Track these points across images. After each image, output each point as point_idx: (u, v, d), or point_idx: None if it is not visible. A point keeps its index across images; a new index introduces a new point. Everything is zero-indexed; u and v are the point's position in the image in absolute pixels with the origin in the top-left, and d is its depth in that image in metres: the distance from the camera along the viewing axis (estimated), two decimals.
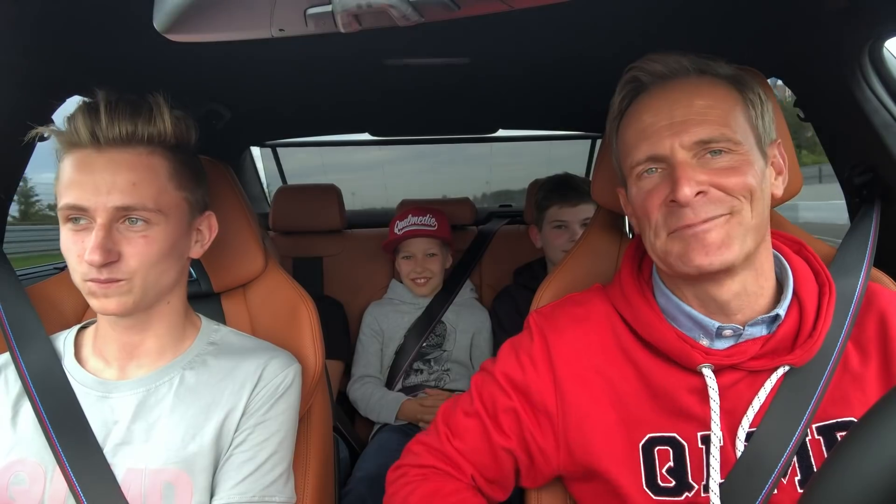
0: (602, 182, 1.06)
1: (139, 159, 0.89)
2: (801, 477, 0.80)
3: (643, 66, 0.84)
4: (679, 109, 0.78)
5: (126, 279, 0.88)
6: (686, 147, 0.77)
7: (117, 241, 0.87)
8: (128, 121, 0.88)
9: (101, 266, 0.85)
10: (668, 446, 0.82)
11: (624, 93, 0.86)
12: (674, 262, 0.79)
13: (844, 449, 0.45)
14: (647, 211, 0.80)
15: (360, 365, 2.01)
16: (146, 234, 0.89)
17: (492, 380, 0.90)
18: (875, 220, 1.03)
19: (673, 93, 0.80)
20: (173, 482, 0.90)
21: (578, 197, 1.89)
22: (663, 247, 0.79)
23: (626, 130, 0.84)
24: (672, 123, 0.78)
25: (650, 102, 0.82)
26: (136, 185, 0.87)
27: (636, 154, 0.81)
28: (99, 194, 0.85)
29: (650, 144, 0.79)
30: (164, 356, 0.97)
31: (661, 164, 0.79)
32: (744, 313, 0.82)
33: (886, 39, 1.15)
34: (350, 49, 1.32)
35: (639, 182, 0.82)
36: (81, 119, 0.87)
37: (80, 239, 0.87)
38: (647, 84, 0.84)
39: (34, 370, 0.94)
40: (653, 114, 0.80)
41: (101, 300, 0.88)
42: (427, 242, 2.06)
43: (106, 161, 0.87)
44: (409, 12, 0.62)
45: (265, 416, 0.96)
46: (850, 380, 0.82)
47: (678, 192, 0.75)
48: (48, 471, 0.89)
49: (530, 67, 1.56)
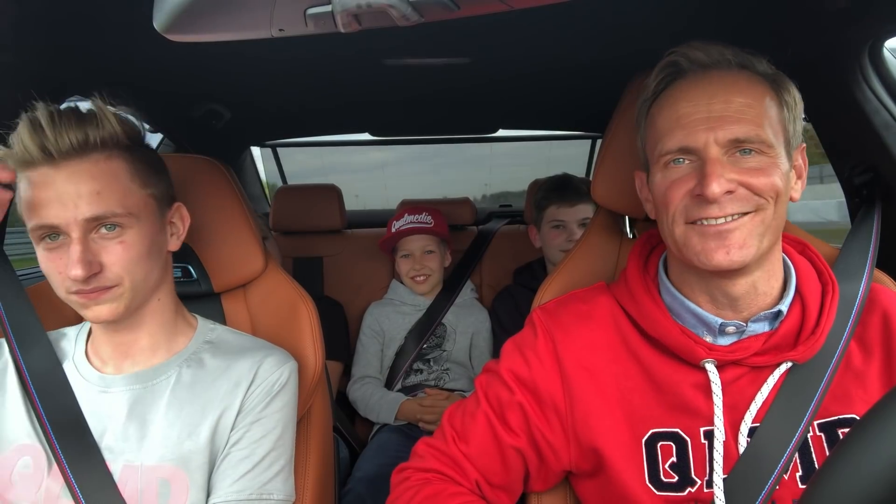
0: (602, 182, 1.06)
1: (97, 167, 0.87)
2: (802, 473, 0.80)
3: (685, 51, 0.82)
4: (717, 104, 0.77)
5: (114, 285, 0.88)
6: (720, 144, 0.77)
7: (96, 251, 0.86)
8: (76, 129, 0.85)
9: (85, 279, 0.85)
10: (671, 441, 0.83)
11: (661, 76, 0.84)
12: (691, 256, 0.79)
13: (846, 446, 0.45)
14: (668, 199, 0.80)
15: (360, 365, 2.01)
16: (122, 239, 0.88)
17: (497, 378, 0.90)
18: (877, 220, 1.03)
19: (712, 85, 0.79)
20: (169, 479, 0.90)
21: (577, 197, 1.89)
22: (682, 235, 0.79)
23: (659, 115, 0.83)
24: (709, 117, 0.77)
25: (688, 91, 0.80)
26: (101, 194, 0.86)
27: (668, 142, 0.79)
28: (66, 209, 0.84)
29: (685, 135, 0.78)
30: (158, 353, 0.98)
31: (690, 156, 0.79)
32: (750, 311, 0.83)
33: (886, 39, 1.15)
34: (350, 49, 1.32)
35: (665, 170, 0.81)
36: (27, 136, 0.84)
37: (58, 256, 0.86)
38: (685, 70, 0.82)
39: (34, 370, 0.95)
40: (691, 104, 0.79)
41: (93, 309, 0.88)
42: (424, 240, 2.06)
43: (65, 175, 0.85)
44: (408, 12, 0.62)
45: (261, 413, 0.96)
46: (852, 377, 0.83)
47: (707, 188, 0.74)
48: (48, 462, 0.90)
49: (530, 67, 1.56)
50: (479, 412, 0.89)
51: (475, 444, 0.88)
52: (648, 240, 0.95)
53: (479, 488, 0.88)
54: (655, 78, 0.84)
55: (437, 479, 0.88)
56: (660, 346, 0.85)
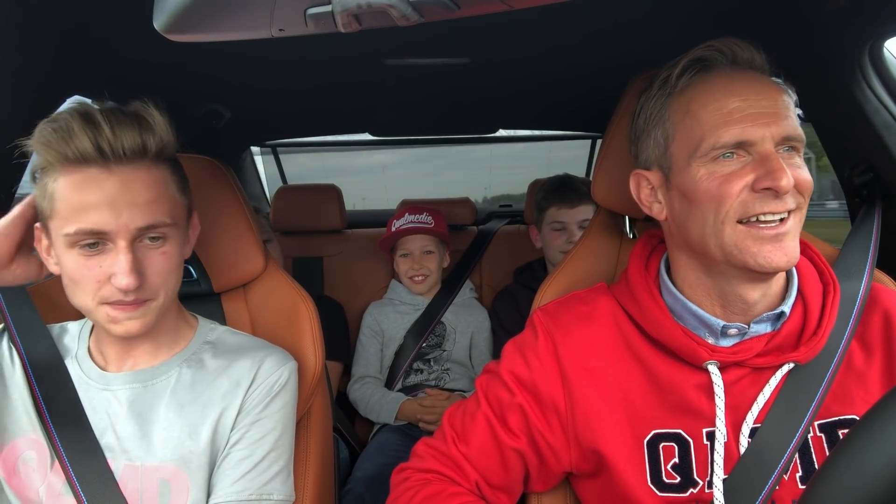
0: (602, 182, 1.06)
1: (150, 174, 0.85)
2: (802, 473, 0.80)
3: (722, 47, 0.80)
4: (766, 101, 0.77)
5: (150, 299, 0.87)
6: (775, 139, 0.76)
7: (140, 261, 0.84)
8: (134, 133, 0.82)
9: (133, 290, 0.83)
10: (673, 442, 0.83)
11: (693, 70, 0.81)
12: (746, 258, 0.76)
13: (846, 447, 0.45)
14: (724, 192, 0.76)
15: (360, 365, 2.01)
16: (164, 249, 0.87)
17: (497, 380, 0.90)
18: (877, 220, 1.03)
19: (753, 83, 0.78)
20: (169, 479, 0.90)
21: (578, 198, 1.89)
22: (733, 236, 0.76)
23: (699, 109, 0.79)
24: (762, 112, 0.76)
25: (734, 86, 0.78)
26: (154, 203, 0.84)
27: (720, 136, 0.76)
28: (119, 216, 0.81)
29: (742, 129, 0.75)
30: (160, 353, 0.98)
31: (741, 152, 0.77)
32: (755, 313, 0.82)
33: (886, 39, 1.15)
34: (350, 49, 1.32)
35: (712, 165, 0.77)
36: (81, 131, 0.79)
37: (97, 264, 0.83)
38: (714, 65, 0.81)
39: (37, 366, 0.95)
40: (741, 98, 0.77)
41: (125, 324, 0.86)
42: (424, 240, 2.06)
43: (119, 180, 0.82)
44: (408, 12, 0.62)
45: (261, 413, 0.96)
46: (853, 378, 0.83)
47: (779, 180, 0.73)
48: (50, 459, 0.90)
49: (530, 67, 1.56)
50: (480, 413, 0.89)
51: (475, 445, 0.88)
52: (649, 240, 0.95)
53: (479, 489, 0.88)
54: (679, 68, 0.82)
55: (436, 479, 0.88)
56: (661, 348, 0.85)
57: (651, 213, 0.87)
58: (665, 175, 0.83)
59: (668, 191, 0.84)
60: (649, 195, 0.87)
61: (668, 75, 0.83)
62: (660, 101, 0.83)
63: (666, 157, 0.83)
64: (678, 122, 0.81)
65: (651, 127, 0.85)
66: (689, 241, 0.82)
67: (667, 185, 0.84)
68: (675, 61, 0.83)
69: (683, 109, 0.81)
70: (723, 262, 0.78)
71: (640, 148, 0.87)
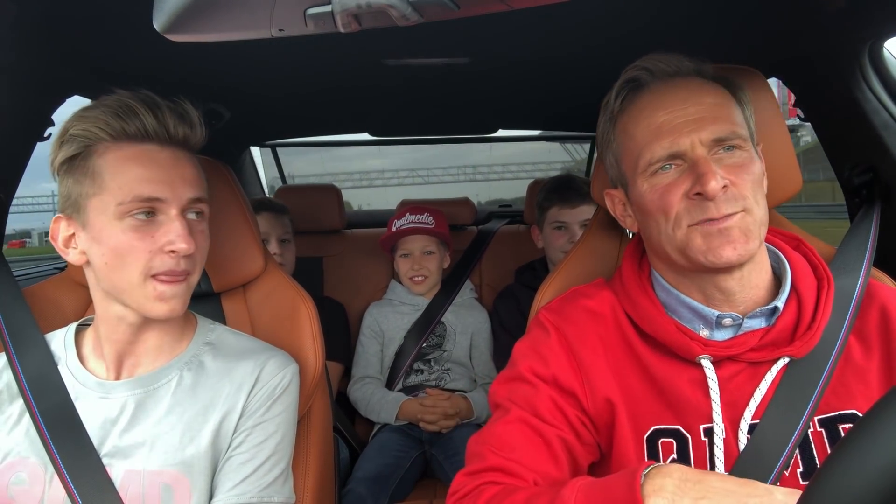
0: (602, 182, 1.06)
1: (190, 157, 0.94)
2: (803, 469, 0.80)
3: (646, 65, 0.85)
4: (692, 107, 0.80)
5: (192, 272, 0.91)
6: (704, 144, 0.79)
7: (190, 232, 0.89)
8: (186, 124, 0.91)
9: (183, 257, 0.87)
10: (672, 438, 0.83)
11: (625, 93, 0.87)
12: (696, 255, 0.79)
13: (847, 446, 0.45)
14: (666, 204, 0.80)
15: (361, 366, 2.01)
16: (202, 228, 0.94)
17: (518, 381, 0.88)
18: (875, 219, 1.03)
19: (681, 91, 0.82)
20: (171, 484, 0.90)
21: (579, 198, 1.89)
22: (684, 238, 0.80)
23: (635, 127, 0.84)
24: (688, 121, 0.79)
25: (659, 100, 0.82)
26: (198, 179, 0.93)
27: (654, 151, 0.81)
28: (174, 186, 0.88)
29: (671, 141, 0.79)
30: (162, 356, 0.97)
31: (677, 161, 0.80)
32: (745, 305, 0.83)
33: (886, 39, 1.15)
34: (350, 49, 1.32)
35: (652, 178, 0.82)
36: (145, 112, 0.87)
37: (149, 234, 0.87)
38: (646, 83, 0.85)
39: (31, 375, 0.94)
40: (667, 111, 0.81)
41: (170, 302, 0.89)
42: (424, 240, 2.06)
43: (170, 156, 0.90)
44: (408, 12, 0.62)
45: (263, 417, 0.96)
46: (852, 372, 0.83)
47: (707, 185, 0.76)
48: (49, 472, 0.89)
49: (530, 67, 1.56)
50: (512, 418, 0.85)
51: (520, 447, 0.83)
52: (641, 242, 0.96)
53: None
54: (616, 94, 0.87)
55: (492, 486, 0.82)
56: (656, 344, 0.86)
57: (626, 226, 0.94)
58: (625, 191, 0.90)
59: (631, 205, 0.90)
60: (622, 211, 0.93)
61: (607, 100, 0.88)
62: (608, 125, 0.90)
63: (621, 175, 0.89)
64: (620, 143, 0.87)
65: (604, 150, 0.92)
66: (654, 248, 0.87)
67: (629, 200, 0.90)
68: (613, 85, 0.88)
69: (622, 130, 0.87)
70: (685, 265, 0.82)
71: (606, 168, 0.94)
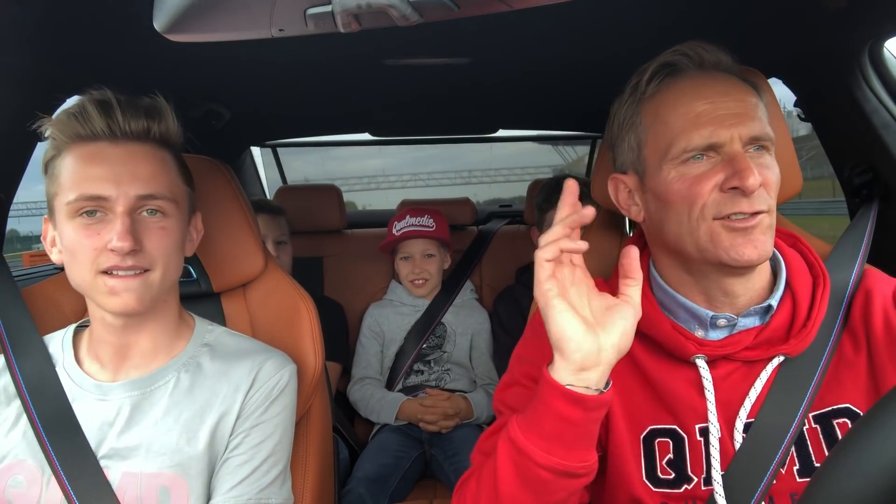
0: (602, 182, 1.05)
1: (153, 152, 0.91)
2: (799, 466, 0.80)
3: (687, 51, 0.82)
4: (732, 101, 0.79)
5: (148, 269, 0.88)
6: (743, 140, 0.78)
7: (139, 230, 0.87)
8: (143, 118, 0.90)
9: (127, 253, 0.85)
10: (668, 438, 0.83)
11: (662, 77, 0.83)
12: (717, 251, 0.78)
13: (845, 447, 0.45)
14: (694, 194, 0.78)
15: (360, 366, 2.01)
16: (163, 225, 0.90)
17: (515, 387, 0.88)
18: (872, 217, 1.03)
19: (719, 84, 0.80)
20: (169, 486, 0.90)
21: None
22: (707, 232, 0.78)
23: (668, 114, 0.81)
24: (729, 114, 0.78)
25: (699, 89, 0.80)
26: (155, 175, 0.90)
27: (691, 139, 0.78)
28: (120, 184, 0.86)
29: (711, 132, 0.77)
30: (158, 357, 0.97)
31: (710, 153, 0.78)
32: (742, 304, 0.83)
33: (886, 39, 1.15)
34: (350, 49, 1.32)
35: (682, 167, 0.79)
36: (96, 113, 0.87)
37: (95, 232, 0.86)
38: (684, 69, 0.82)
39: (28, 376, 0.93)
40: (708, 101, 0.79)
41: (122, 295, 0.87)
42: (425, 243, 2.06)
43: (123, 152, 0.88)
44: (408, 12, 0.62)
45: (260, 418, 0.95)
46: (845, 367, 0.83)
47: (747, 180, 0.74)
48: (46, 474, 0.89)
49: (531, 67, 1.56)
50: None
51: None
52: (640, 238, 0.96)
53: None
54: (652, 77, 0.84)
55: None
56: (652, 343, 0.85)
57: (630, 215, 0.90)
58: (640, 178, 0.86)
59: (644, 193, 0.86)
60: (627, 198, 0.90)
61: (637, 81, 0.85)
62: (631, 106, 0.86)
63: (639, 160, 0.85)
64: (648, 126, 0.84)
65: (624, 132, 0.87)
66: (666, 241, 0.84)
67: (642, 188, 0.86)
68: (644, 67, 0.85)
69: (653, 114, 0.83)
70: (699, 260, 0.81)
71: (616, 153, 0.90)
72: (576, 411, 0.68)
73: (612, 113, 0.90)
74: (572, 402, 0.67)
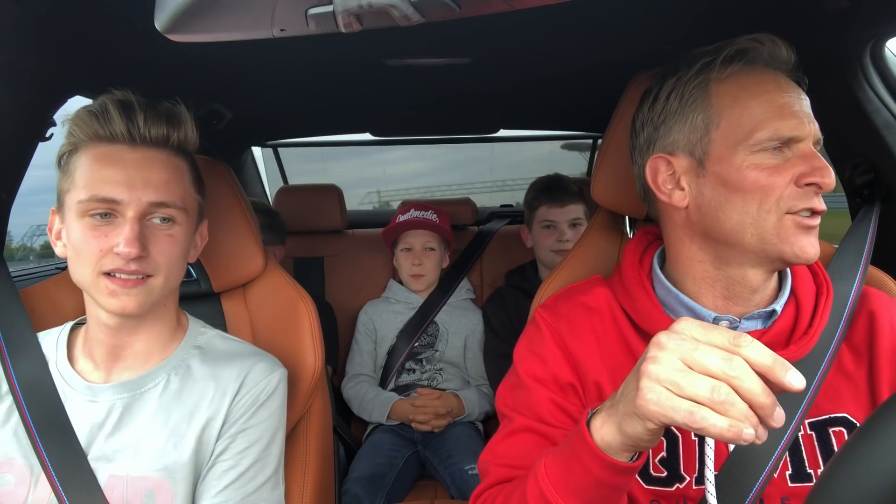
0: (602, 182, 1.06)
1: (169, 159, 0.92)
2: (792, 472, 0.80)
3: (766, 41, 0.81)
4: (805, 101, 0.80)
5: (151, 275, 0.88)
6: (814, 139, 0.78)
7: (146, 237, 0.87)
8: (163, 125, 0.90)
9: (132, 259, 0.85)
10: (664, 437, 0.83)
11: (739, 63, 0.80)
12: (782, 244, 0.77)
13: (845, 455, 0.45)
14: (772, 184, 0.76)
15: (355, 363, 2.01)
16: (171, 233, 0.90)
17: (518, 388, 0.88)
18: (874, 220, 1.03)
19: (787, 82, 0.80)
20: (154, 490, 0.89)
21: (568, 197, 1.90)
22: (776, 224, 0.76)
23: (750, 99, 0.78)
24: (806, 112, 0.78)
25: (778, 82, 0.79)
26: (169, 183, 0.90)
27: (778, 129, 0.76)
28: (134, 189, 0.86)
29: (796, 125, 0.77)
30: (151, 359, 0.96)
31: (786, 147, 0.77)
32: (746, 306, 0.83)
33: (888, 39, 1.15)
34: (351, 49, 1.32)
35: (757, 155, 0.77)
36: (116, 114, 0.87)
37: (103, 234, 0.86)
38: (758, 60, 0.81)
39: (23, 377, 0.93)
40: (788, 95, 0.78)
41: (122, 298, 0.87)
42: (427, 235, 2.06)
43: (139, 157, 0.88)
44: (410, 12, 0.62)
45: (247, 423, 0.94)
46: (843, 378, 0.83)
47: (826, 178, 0.75)
48: (35, 474, 0.89)
49: (532, 67, 1.56)
50: (517, 427, 0.85)
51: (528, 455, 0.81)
52: (644, 236, 0.96)
53: None
54: (727, 60, 0.80)
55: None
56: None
57: (669, 200, 0.84)
58: (698, 161, 0.81)
59: (698, 178, 0.81)
60: (667, 181, 0.84)
61: (711, 60, 0.81)
62: (701, 85, 0.81)
63: (703, 142, 0.80)
64: (724, 108, 0.79)
65: (688, 110, 0.82)
66: (719, 228, 0.80)
67: (698, 172, 0.81)
68: (714, 47, 0.81)
69: (731, 97, 0.79)
70: (753, 251, 0.78)
71: (662, 131, 0.84)
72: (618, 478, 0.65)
73: (661, 89, 0.84)
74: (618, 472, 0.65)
